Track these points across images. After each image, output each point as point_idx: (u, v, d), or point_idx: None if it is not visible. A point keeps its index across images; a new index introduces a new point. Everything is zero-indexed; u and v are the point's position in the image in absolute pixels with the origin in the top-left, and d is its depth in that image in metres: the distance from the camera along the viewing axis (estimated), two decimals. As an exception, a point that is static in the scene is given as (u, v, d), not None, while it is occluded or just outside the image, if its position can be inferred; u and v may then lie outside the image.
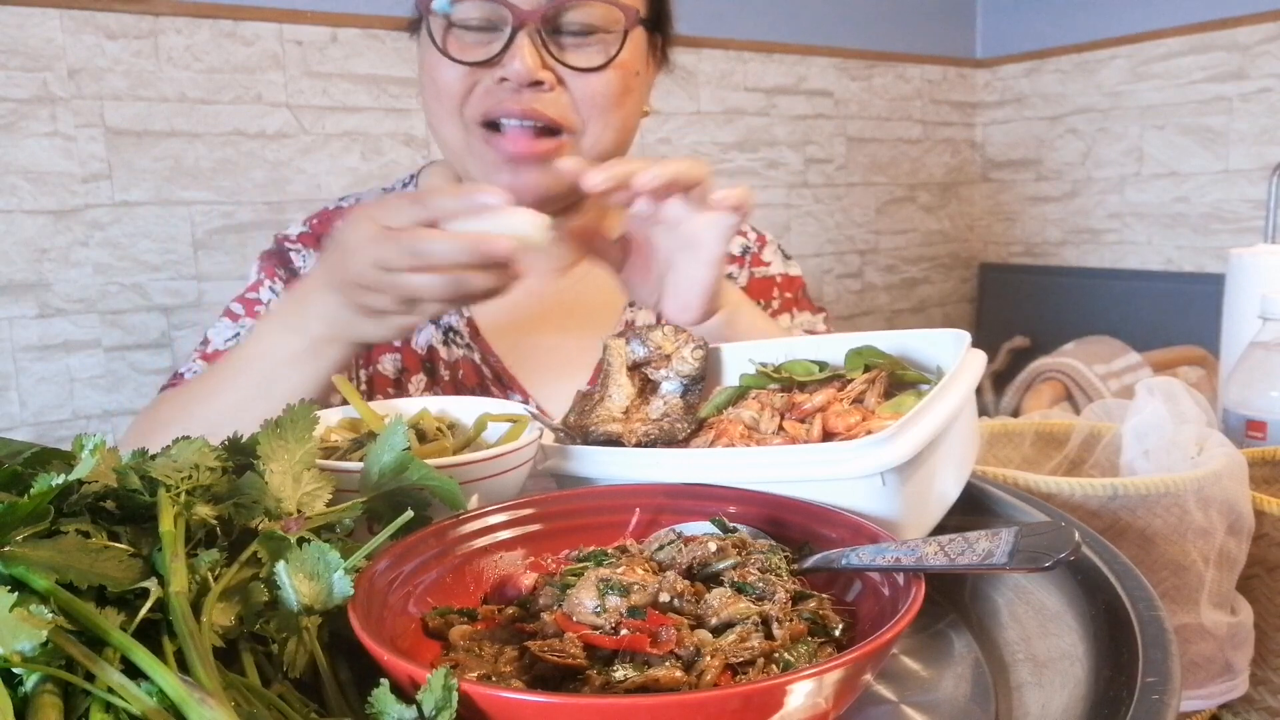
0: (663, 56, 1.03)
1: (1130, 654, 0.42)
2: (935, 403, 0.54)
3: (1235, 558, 0.70)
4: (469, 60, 0.88)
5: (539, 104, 0.88)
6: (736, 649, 0.41)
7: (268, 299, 1.01)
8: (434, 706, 0.35)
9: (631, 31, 0.91)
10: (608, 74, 0.90)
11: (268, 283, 1.02)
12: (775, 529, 0.53)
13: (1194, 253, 2.82)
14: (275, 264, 1.04)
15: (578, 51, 0.90)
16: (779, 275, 1.14)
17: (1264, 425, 0.92)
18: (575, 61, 0.89)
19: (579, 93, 0.90)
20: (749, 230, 1.16)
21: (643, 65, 0.97)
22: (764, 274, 1.14)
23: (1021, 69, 3.19)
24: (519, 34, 0.86)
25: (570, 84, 0.90)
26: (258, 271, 1.04)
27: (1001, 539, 0.42)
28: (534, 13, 0.86)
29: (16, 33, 1.78)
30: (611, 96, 0.91)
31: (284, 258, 1.04)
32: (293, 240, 1.05)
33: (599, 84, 0.90)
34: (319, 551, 0.42)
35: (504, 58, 0.87)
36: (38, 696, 0.33)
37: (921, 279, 3.32)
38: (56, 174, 1.85)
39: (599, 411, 0.66)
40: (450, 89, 0.90)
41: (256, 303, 1.02)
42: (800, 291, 1.15)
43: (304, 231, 1.06)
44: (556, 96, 0.89)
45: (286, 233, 1.07)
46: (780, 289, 1.14)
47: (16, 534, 0.39)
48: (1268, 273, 1.09)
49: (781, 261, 1.16)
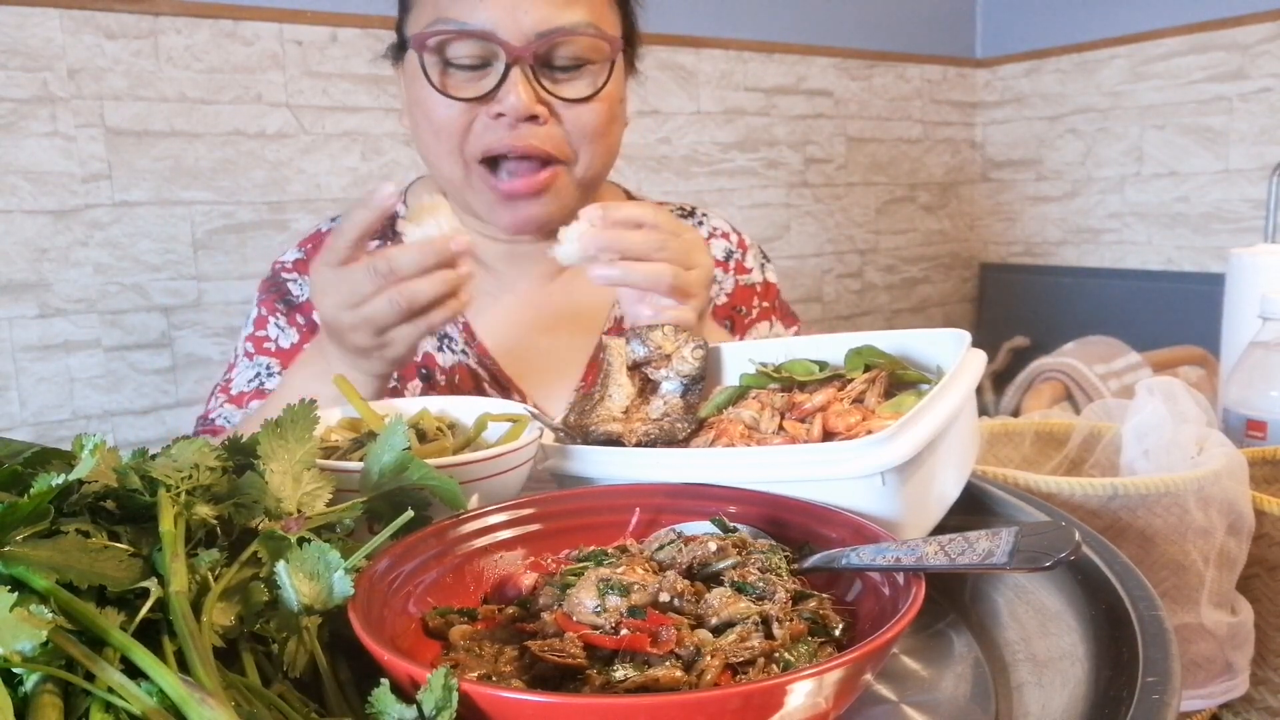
0: (632, 67, 1.05)
1: (1130, 654, 0.42)
2: (935, 403, 0.54)
3: (1235, 558, 0.70)
4: (464, 97, 0.91)
5: (535, 139, 0.92)
6: (736, 649, 0.41)
7: (275, 334, 1.03)
8: (434, 706, 0.35)
9: (616, 61, 0.96)
10: (596, 104, 0.94)
11: (272, 320, 1.04)
12: (775, 529, 0.53)
13: (1194, 253, 2.82)
14: (275, 298, 1.05)
15: (568, 85, 0.93)
16: (759, 284, 1.15)
17: (1264, 425, 0.92)
18: (566, 94, 0.92)
19: (570, 124, 0.93)
20: (730, 233, 1.17)
21: (625, 90, 1.02)
22: (747, 281, 1.15)
23: (1021, 69, 3.19)
24: (512, 70, 0.89)
25: (562, 115, 0.93)
26: (258, 305, 1.06)
27: (1001, 539, 0.42)
28: (525, 49, 0.89)
29: (16, 33, 1.78)
30: (600, 125, 0.95)
31: (281, 289, 1.05)
32: (289, 268, 1.07)
33: (589, 115, 0.94)
34: (319, 551, 0.42)
35: (499, 93, 0.90)
36: (38, 696, 0.33)
37: (921, 279, 3.32)
38: (56, 174, 1.84)
39: (599, 411, 0.66)
40: (449, 127, 0.92)
41: (266, 339, 1.03)
42: (776, 299, 1.17)
43: (299, 258, 1.08)
44: (550, 129, 0.92)
45: (283, 260, 1.08)
46: (759, 296, 1.15)
47: (16, 534, 0.39)
48: (1268, 273, 1.09)
49: (760, 269, 1.17)
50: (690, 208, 1.18)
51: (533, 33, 0.89)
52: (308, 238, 1.11)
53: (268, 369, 1.02)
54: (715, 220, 1.17)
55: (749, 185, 2.82)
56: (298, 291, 1.05)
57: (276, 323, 1.04)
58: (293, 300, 1.05)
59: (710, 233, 1.15)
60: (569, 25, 0.90)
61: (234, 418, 0.99)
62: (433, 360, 1.03)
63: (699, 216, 1.17)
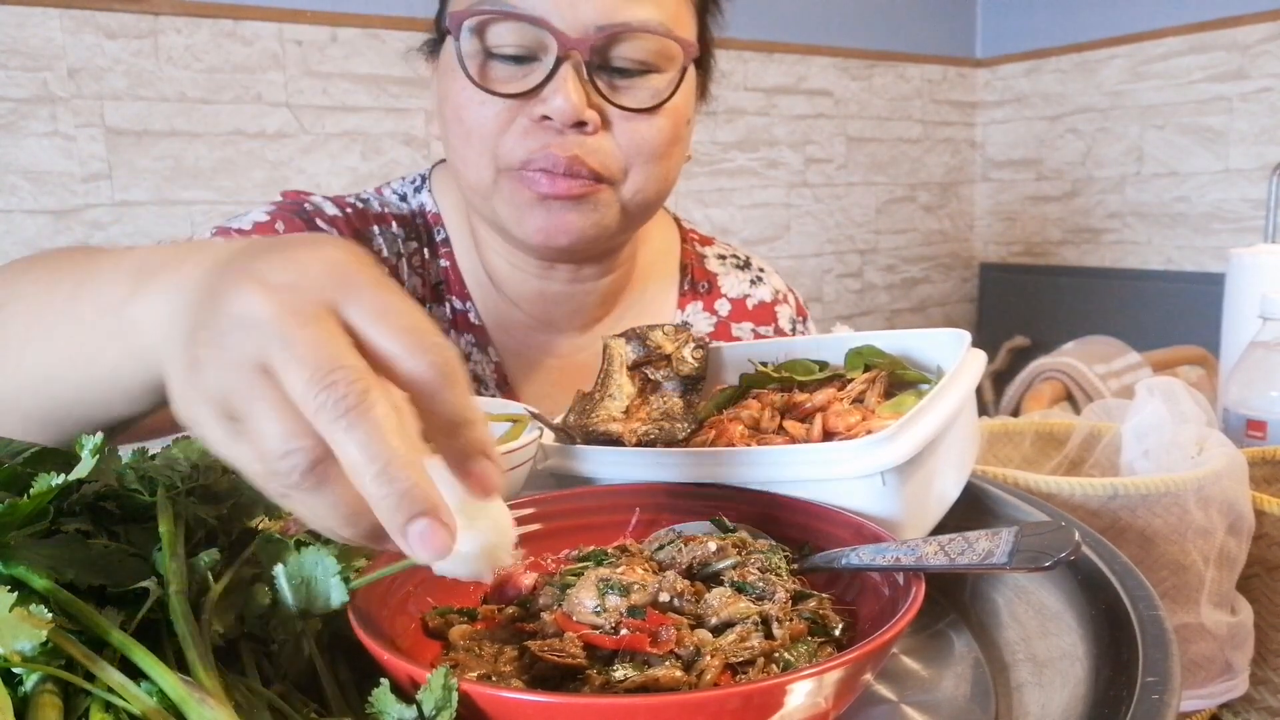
0: (704, 91, 0.92)
1: (1130, 654, 0.42)
2: (935, 403, 0.54)
3: (1235, 557, 0.70)
4: (503, 92, 0.77)
5: (581, 150, 0.78)
6: (736, 649, 0.41)
7: None
8: (434, 706, 0.35)
9: (687, 71, 0.82)
10: (658, 119, 0.80)
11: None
12: (775, 529, 0.53)
13: (1194, 253, 2.82)
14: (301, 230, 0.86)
15: (628, 92, 0.79)
16: None
17: (1264, 425, 0.92)
18: (624, 101, 0.79)
19: (624, 138, 0.79)
20: (788, 294, 1.08)
21: (693, 111, 0.87)
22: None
23: (1021, 69, 3.19)
24: (563, 65, 0.76)
25: (615, 126, 0.79)
26: (271, 218, 0.86)
27: (1001, 539, 0.42)
28: (582, 41, 0.75)
29: (16, 33, 1.78)
30: (659, 145, 0.81)
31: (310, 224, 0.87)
32: (325, 220, 0.89)
33: (648, 130, 0.80)
34: (316, 557, 0.42)
35: (544, 91, 0.76)
36: (38, 696, 0.33)
37: (921, 279, 3.32)
38: (56, 174, 1.84)
39: (599, 411, 0.66)
40: (483, 129, 0.79)
41: None
42: None
43: (337, 216, 0.89)
44: (600, 142, 0.79)
45: (317, 203, 0.89)
46: None
47: (16, 534, 0.39)
48: (1268, 273, 1.09)
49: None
50: (746, 258, 1.09)
51: (592, 25, 0.75)
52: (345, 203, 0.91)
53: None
54: (774, 280, 1.09)
55: (749, 185, 2.82)
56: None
57: None
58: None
59: (774, 297, 1.07)
60: (636, 21, 0.76)
61: None
62: None
63: (755, 271, 1.08)
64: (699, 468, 0.57)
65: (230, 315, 0.34)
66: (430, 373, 0.34)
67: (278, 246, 0.37)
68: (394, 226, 0.92)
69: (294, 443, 0.32)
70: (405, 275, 0.91)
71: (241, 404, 0.33)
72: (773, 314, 1.06)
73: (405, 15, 2.12)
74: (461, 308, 0.94)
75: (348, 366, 0.33)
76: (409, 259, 0.92)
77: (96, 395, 0.48)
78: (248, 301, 0.33)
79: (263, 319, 0.33)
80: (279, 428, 0.32)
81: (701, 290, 1.04)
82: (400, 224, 0.93)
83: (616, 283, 0.96)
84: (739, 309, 1.05)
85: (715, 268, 1.06)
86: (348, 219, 0.89)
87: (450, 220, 0.94)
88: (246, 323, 0.33)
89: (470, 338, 0.94)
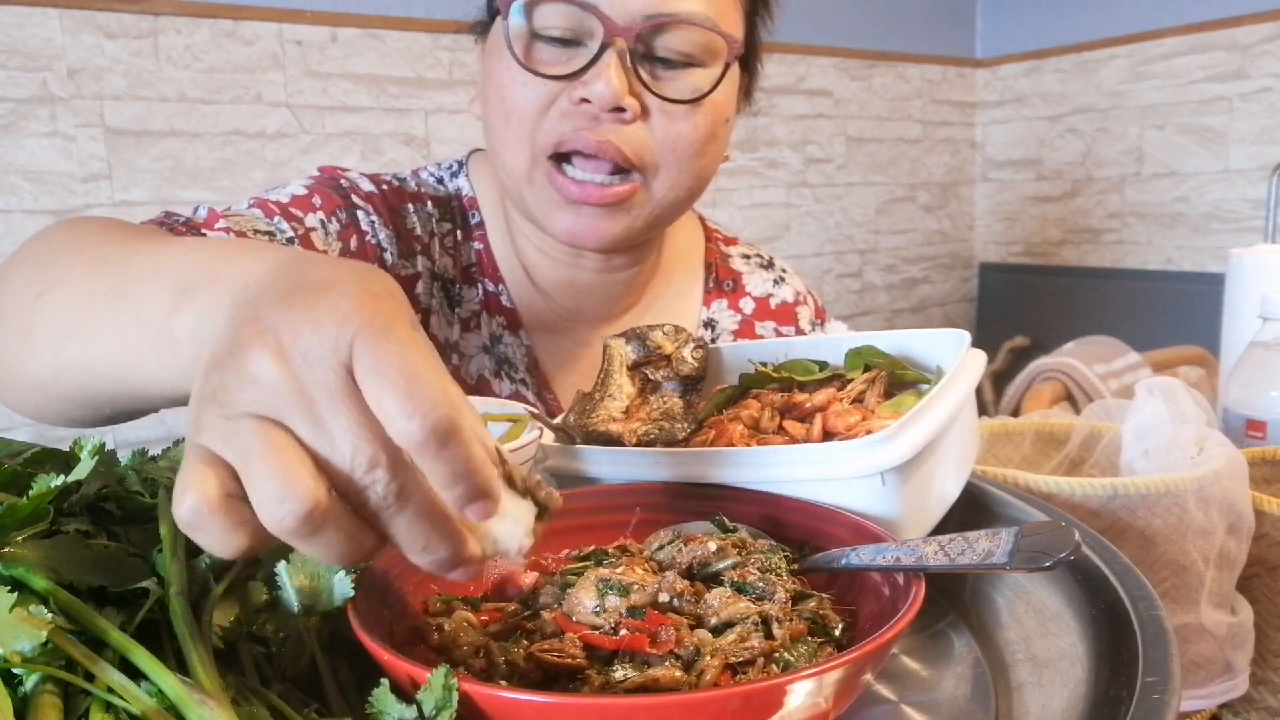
0: (747, 95, 0.93)
1: (1130, 654, 0.42)
2: (935, 403, 0.54)
3: (1235, 557, 0.70)
4: (546, 73, 0.78)
5: (616, 137, 0.78)
6: (736, 649, 0.41)
7: (314, 225, 0.82)
8: (434, 706, 0.35)
9: (731, 67, 0.82)
10: (698, 115, 0.81)
11: (321, 216, 0.83)
12: (775, 529, 0.53)
13: (1194, 253, 2.82)
14: (338, 205, 0.85)
15: (670, 83, 0.80)
16: None
17: (1264, 425, 0.92)
18: (665, 92, 0.79)
19: (661, 130, 0.80)
20: (808, 296, 1.10)
21: (733, 111, 0.88)
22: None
23: (1021, 69, 3.19)
24: (607, 51, 0.76)
25: (654, 117, 0.80)
26: (309, 191, 0.85)
27: (1001, 539, 0.42)
28: (628, 29, 0.76)
29: (16, 33, 1.78)
30: (697, 140, 0.81)
31: (350, 206, 0.86)
32: (361, 195, 0.87)
33: (686, 123, 0.80)
34: (319, 552, 0.42)
35: (586, 75, 0.77)
36: (38, 696, 0.33)
37: (921, 279, 3.32)
38: (56, 174, 1.84)
39: (599, 411, 0.66)
40: (523, 110, 0.80)
41: (301, 223, 0.81)
42: None
43: (373, 192, 0.89)
44: (636, 131, 0.79)
45: (353, 179, 0.88)
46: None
47: (16, 534, 0.39)
48: (1268, 273, 1.09)
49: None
50: (770, 258, 1.10)
51: (639, 14, 0.76)
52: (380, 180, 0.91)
53: (288, 238, 0.79)
54: (795, 281, 1.10)
55: (749, 185, 2.82)
56: (367, 227, 0.85)
57: (325, 222, 0.83)
58: (358, 227, 0.85)
59: (796, 298, 1.08)
60: (684, 13, 0.77)
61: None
62: (488, 386, 0.95)
63: (778, 271, 1.09)
64: (699, 468, 0.57)
65: (245, 374, 0.35)
66: (421, 435, 0.34)
67: (299, 293, 0.36)
68: (429, 205, 0.93)
69: (290, 498, 0.34)
70: (436, 255, 0.93)
71: (239, 456, 0.34)
72: (794, 314, 1.08)
73: (405, 15, 2.12)
74: (494, 289, 0.95)
75: (378, 466, 0.35)
76: (441, 239, 0.93)
77: (137, 391, 0.50)
78: (260, 364, 0.35)
79: (276, 388, 0.34)
80: (272, 485, 0.34)
81: (727, 288, 1.06)
82: (435, 204, 0.94)
83: (644, 274, 0.98)
84: (763, 308, 1.07)
85: (740, 267, 1.08)
86: (383, 195, 0.89)
87: (486, 205, 0.96)
88: (259, 384, 0.34)
89: (502, 320, 0.95)
